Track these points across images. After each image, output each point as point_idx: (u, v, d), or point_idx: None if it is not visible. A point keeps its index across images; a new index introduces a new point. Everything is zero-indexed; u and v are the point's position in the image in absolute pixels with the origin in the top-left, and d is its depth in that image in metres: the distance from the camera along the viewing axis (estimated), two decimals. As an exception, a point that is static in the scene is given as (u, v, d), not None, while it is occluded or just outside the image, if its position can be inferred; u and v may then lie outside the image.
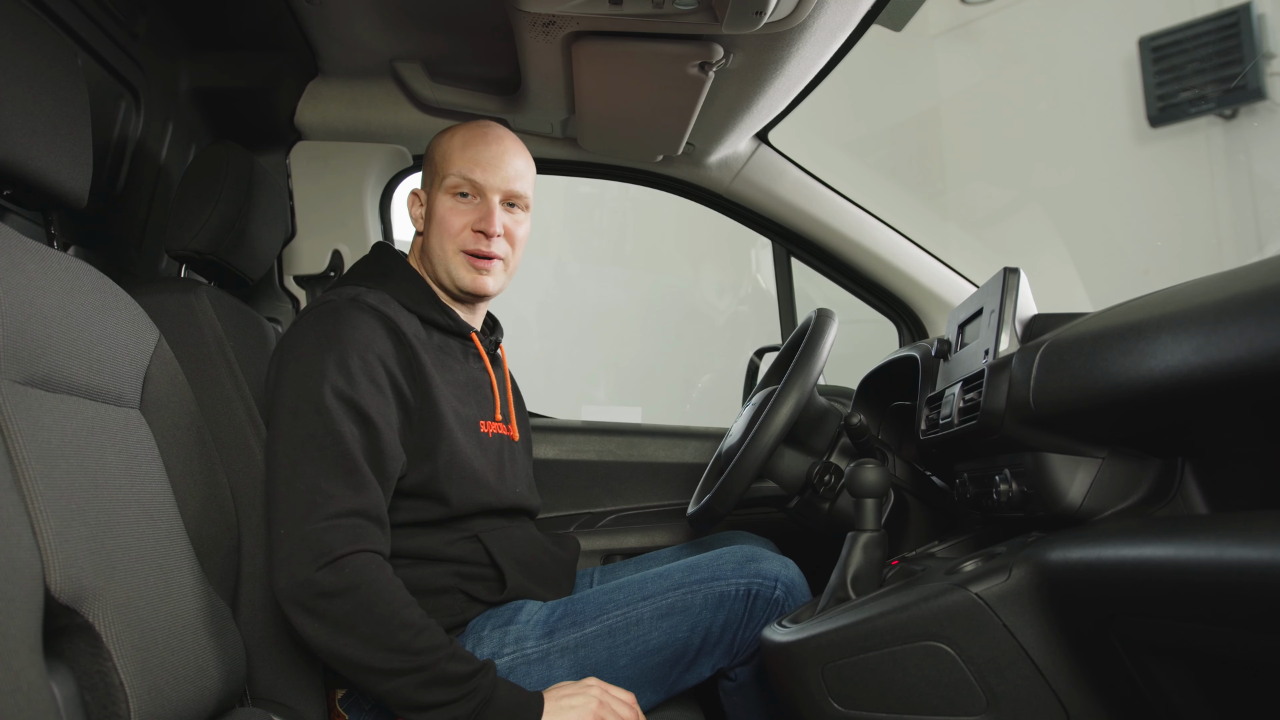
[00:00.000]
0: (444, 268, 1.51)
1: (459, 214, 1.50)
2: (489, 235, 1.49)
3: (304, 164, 2.08)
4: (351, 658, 1.16)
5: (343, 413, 1.26)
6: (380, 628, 1.16)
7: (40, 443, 0.90)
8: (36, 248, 1.02)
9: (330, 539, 1.17)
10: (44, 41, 1.13)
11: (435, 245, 1.51)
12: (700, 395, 5.10)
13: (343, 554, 1.17)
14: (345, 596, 1.15)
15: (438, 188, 1.52)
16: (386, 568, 1.21)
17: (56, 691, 0.83)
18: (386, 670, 1.16)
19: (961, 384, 1.21)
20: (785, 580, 1.39)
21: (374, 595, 1.17)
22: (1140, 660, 0.84)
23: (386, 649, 1.16)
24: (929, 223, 2.58)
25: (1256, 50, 3.58)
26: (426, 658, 1.17)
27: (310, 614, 1.16)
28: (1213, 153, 3.81)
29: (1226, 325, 0.73)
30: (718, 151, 2.05)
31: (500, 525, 1.48)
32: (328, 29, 1.78)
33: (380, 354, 1.33)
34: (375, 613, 1.16)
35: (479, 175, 1.49)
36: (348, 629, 1.16)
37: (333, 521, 1.18)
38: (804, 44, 1.48)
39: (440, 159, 1.52)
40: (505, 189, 1.51)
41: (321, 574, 1.15)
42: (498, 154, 1.50)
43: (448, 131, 1.56)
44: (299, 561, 1.16)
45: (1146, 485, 0.97)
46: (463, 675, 1.19)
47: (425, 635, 1.19)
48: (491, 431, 1.53)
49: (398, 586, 1.21)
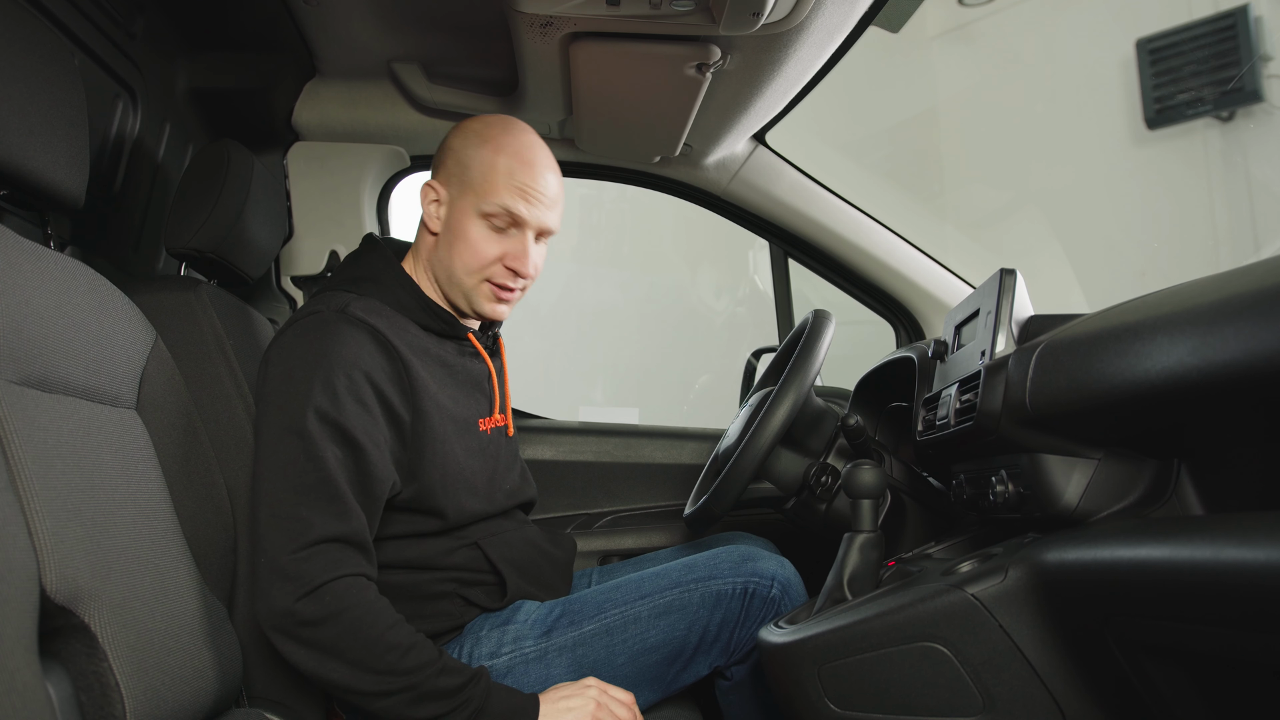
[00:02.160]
0: (462, 290, 1.44)
1: (492, 244, 1.40)
2: (521, 275, 1.43)
3: (301, 164, 2.08)
4: (340, 682, 1.15)
5: (326, 436, 1.23)
6: (366, 652, 1.15)
7: (36, 443, 0.90)
8: (33, 248, 1.02)
9: (309, 568, 1.16)
10: (40, 42, 1.13)
11: (457, 265, 1.42)
12: (698, 396, 5.10)
13: (323, 582, 1.15)
14: (328, 624, 1.14)
15: (470, 207, 1.40)
16: (370, 589, 1.20)
17: (52, 692, 0.83)
18: (376, 692, 1.16)
19: (958, 385, 1.21)
20: (781, 579, 1.39)
21: (357, 620, 1.16)
22: (1136, 661, 0.84)
23: (374, 672, 1.15)
24: (926, 224, 2.57)
25: (1253, 52, 3.59)
26: (415, 676, 1.16)
27: (295, 641, 1.15)
28: (1210, 155, 3.81)
29: (1223, 327, 0.73)
30: (715, 153, 2.05)
31: (498, 529, 1.48)
32: (325, 29, 1.78)
33: (368, 371, 1.29)
34: (360, 637, 1.15)
35: (523, 210, 1.39)
36: (334, 655, 1.15)
37: (312, 550, 1.17)
38: (801, 45, 1.48)
39: (480, 175, 1.39)
40: (543, 225, 1.42)
41: (302, 604, 1.14)
42: (544, 187, 1.41)
43: (487, 141, 1.41)
44: (279, 592, 1.14)
45: (1142, 486, 0.97)
46: (454, 688, 1.18)
47: (413, 654, 1.18)
48: (489, 428, 1.52)
49: (382, 607, 1.20)
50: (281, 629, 1.15)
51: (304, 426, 1.21)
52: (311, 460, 1.21)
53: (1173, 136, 3.88)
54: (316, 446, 1.21)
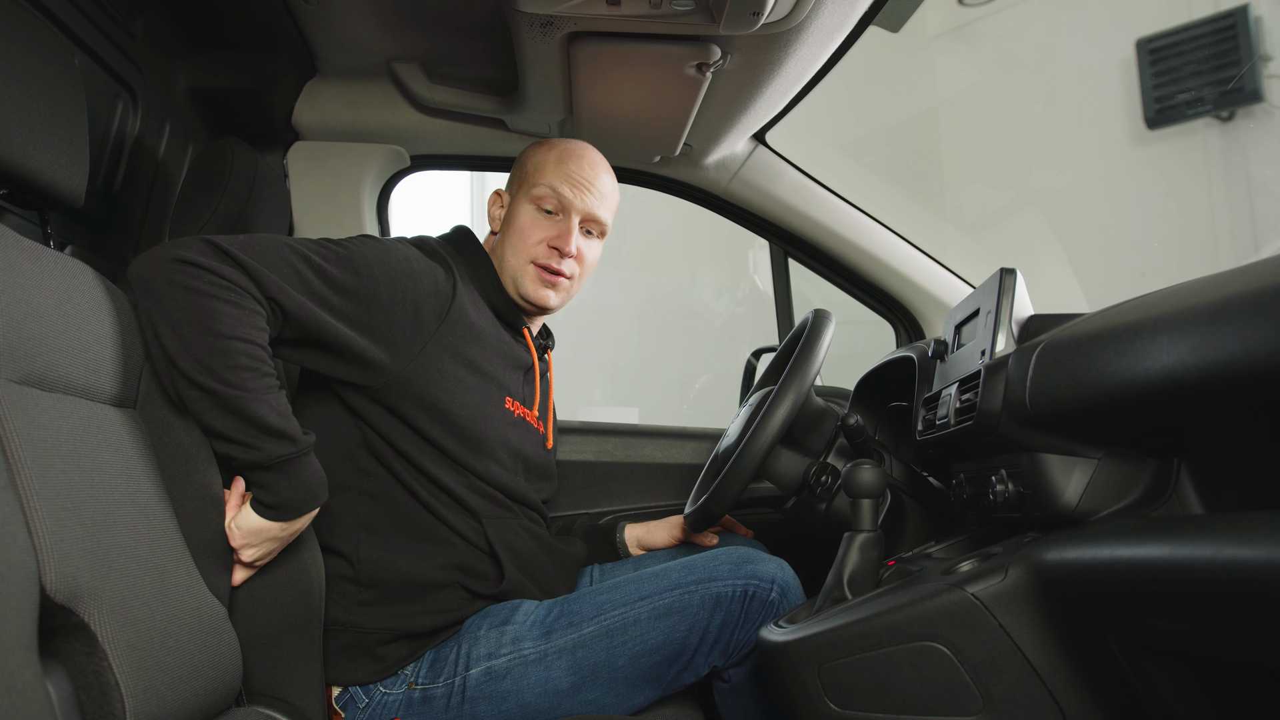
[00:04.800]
0: (511, 274, 1.55)
1: (539, 226, 1.54)
2: (563, 254, 1.52)
3: (301, 164, 2.08)
4: (167, 347, 1.13)
5: (314, 248, 1.29)
6: (200, 340, 1.13)
7: (36, 442, 0.90)
8: (33, 247, 1.02)
9: (221, 249, 1.17)
10: (41, 41, 1.13)
11: (508, 250, 1.55)
12: (697, 396, 5.10)
13: (223, 258, 1.16)
14: (187, 293, 1.13)
15: (523, 195, 1.56)
16: (248, 306, 1.17)
17: (52, 691, 0.83)
18: (187, 371, 1.13)
19: (958, 384, 1.21)
20: (781, 582, 1.39)
21: (213, 307, 1.14)
22: (1136, 660, 0.84)
23: (198, 362, 1.13)
24: (926, 224, 2.57)
25: (1253, 52, 3.59)
26: (233, 390, 1.14)
27: (159, 284, 1.13)
28: (1210, 155, 3.81)
29: (1223, 326, 0.73)
30: (715, 152, 2.05)
31: (506, 514, 1.48)
32: (325, 29, 1.78)
33: (422, 273, 1.38)
34: (201, 323, 1.13)
35: (567, 191, 1.53)
36: (173, 323, 1.13)
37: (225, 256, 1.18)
38: (801, 45, 1.48)
39: (533, 168, 1.56)
40: (588, 211, 1.55)
41: (185, 250, 1.14)
42: (590, 176, 1.55)
43: (545, 143, 1.60)
44: (176, 245, 1.16)
45: (1142, 486, 0.97)
46: (269, 428, 1.17)
47: (242, 373, 1.15)
48: (518, 412, 1.54)
49: (241, 317, 1.16)
50: (153, 261, 1.14)
51: (303, 242, 1.28)
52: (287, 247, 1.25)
53: (1173, 136, 3.88)
54: (298, 246, 1.27)
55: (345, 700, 1.37)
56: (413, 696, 1.34)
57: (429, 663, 1.36)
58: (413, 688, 1.35)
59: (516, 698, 1.32)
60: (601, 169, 1.58)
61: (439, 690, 1.34)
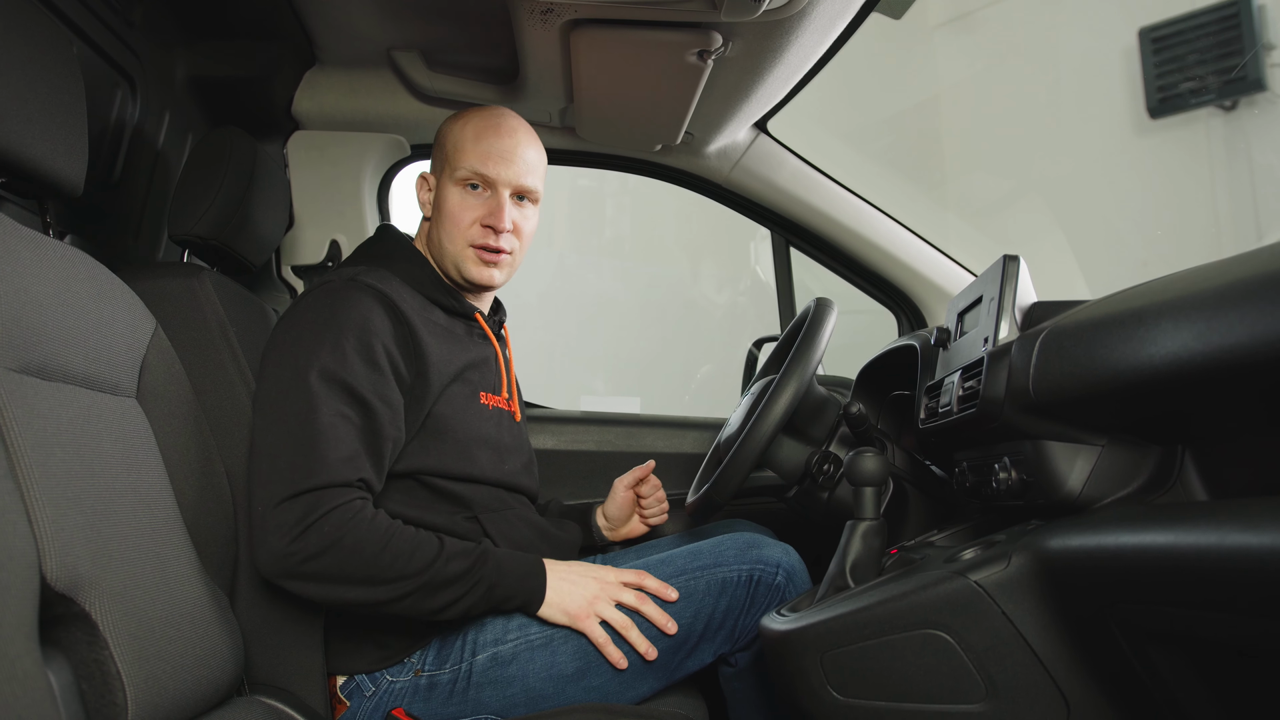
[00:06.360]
0: (452, 260, 1.51)
1: (468, 208, 1.48)
2: (498, 231, 1.48)
3: (301, 154, 2.07)
4: (355, 600, 1.22)
5: (331, 395, 1.27)
6: (372, 568, 1.21)
7: (36, 431, 0.90)
8: (32, 236, 1.02)
9: (299, 510, 1.19)
10: (39, 29, 1.13)
11: (444, 237, 1.50)
12: (699, 386, 5.10)
13: (314, 520, 1.19)
14: (328, 554, 1.18)
15: (447, 177, 1.50)
16: (362, 508, 1.23)
17: (53, 680, 0.83)
18: (392, 599, 1.23)
19: (961, 372, 1.20)
20: (786, 566, 1.39)
21: (356, 542, 1.20)
22: (1139, 647, 0.84)
23: (385, 583, 1.21)
24: (928, 212, 2.57)
25: (1256, 41, 3.58)
26: (425, 574, 1.23)
27: (301, 579, 1.19)
28: (1213, 144, 3.80)
29: (1228, 311, 0.73)
30: (717, 141, 2.04)
31: (499, 507, 1.48)
32: (325, 17, 1.77)
33: (377, 331, 1.34)
34: (362, 556, 1.20)
35: (490, 169, 1.47)
36: (342, 581, 1.20)
37: (302, 497, 1.20)
38: (803, 32, 1.47)
39: (452, 148, 1.50)
40: (516, 183, 1.49)
41: (297, 544, 1.17)
42: (510, 147, 1.49)
43: (459, 118, 1.53)
44: (274, 538, 1.18)
45: (1146, 473, 0.97)
46: (464, 572, 1.27)
47: (418, 555, 1.24)
48: (492, 404, 1.53)
49: (379, 520, 1.24)
50: (285, 572, 1.19)
51: (308, 382, 1.26)
52: (311, 413, 1.25)
53: (1176, 125, 3.87)
54: (318, 400, 1.25)
55: (351, 689, 1.37)
56: (419, 683, 1.34)
57: (435, 649, 1.36)
58: (420, 674, 1.34)
59: (522, 682, 1.32)
60: (522, 134, 1.52)
61: (445, 676, 1.34)
